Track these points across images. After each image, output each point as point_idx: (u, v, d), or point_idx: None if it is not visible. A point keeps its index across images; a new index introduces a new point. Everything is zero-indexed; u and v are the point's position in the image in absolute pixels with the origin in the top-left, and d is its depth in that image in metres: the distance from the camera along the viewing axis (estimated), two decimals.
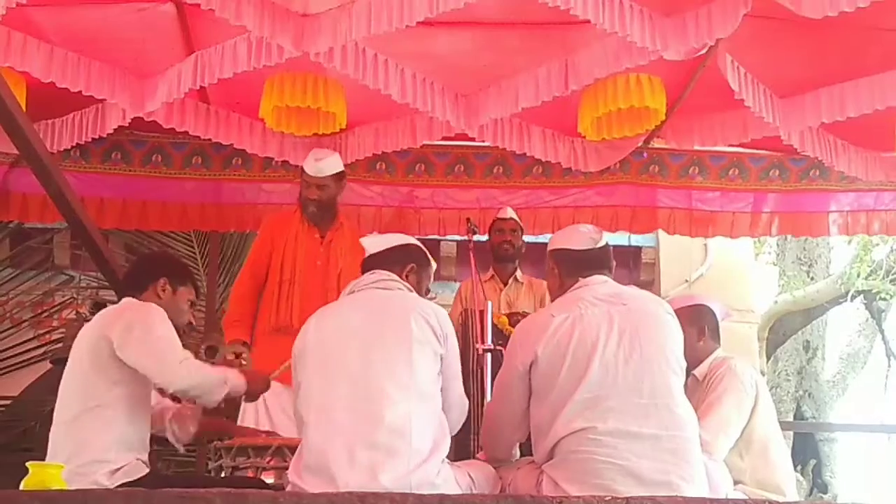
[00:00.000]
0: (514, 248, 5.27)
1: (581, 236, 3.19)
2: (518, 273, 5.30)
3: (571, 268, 3.14)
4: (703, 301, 3.88)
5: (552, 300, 3.25)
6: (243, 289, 4.66)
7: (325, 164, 4.60)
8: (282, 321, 4.43)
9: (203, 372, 3.21)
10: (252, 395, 3.52)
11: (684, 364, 3.03)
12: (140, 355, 3.12)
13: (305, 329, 3.06)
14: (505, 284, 5.26)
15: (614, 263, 3.23)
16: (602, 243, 3.18)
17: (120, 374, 3.15)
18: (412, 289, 3.15)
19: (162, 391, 3.42)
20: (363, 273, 3.20)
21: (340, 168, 4.68)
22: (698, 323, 3.76)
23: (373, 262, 3.20)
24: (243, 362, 4.22)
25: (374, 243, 3.25)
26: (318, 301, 4.35)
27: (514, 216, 5.32)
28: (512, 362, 3.05)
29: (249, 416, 4.27)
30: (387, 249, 3.21)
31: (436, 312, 3.00)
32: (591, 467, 2.80)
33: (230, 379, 3.28)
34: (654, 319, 3.01)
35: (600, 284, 3.08)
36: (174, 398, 3.53)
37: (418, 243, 3.32)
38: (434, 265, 3.38)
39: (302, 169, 4.67)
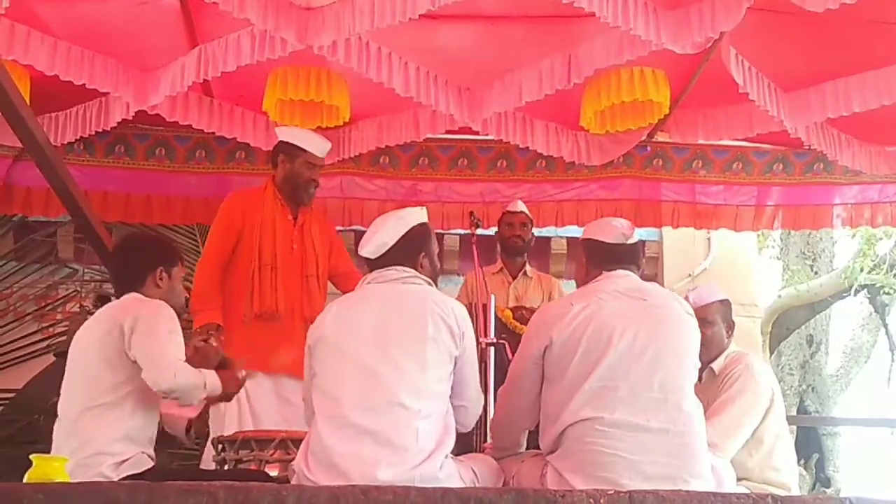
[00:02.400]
0: (523, 242, 5.27)
1: (613, 230, 3.20)
2: (527, 268, 5.29)
3: (598, 259, 3.16)
4: (724, 295, 3.84)
5: (577, 287, 3.26)
6: (210, 272, 4.38)
7: (327, 142, 4.56)
8: (266, 307, 4.28)
9: (188, 377, 3.19)
10: (227, 397, 3.49)
11: (698, 364, 3.04)
12: (139, 350, 3.13)
13: (323, 318, 3.04)
14: (514, 278, 5.25)
15: (644, 261, 3.24)
16: (633, 240, 3.19)
17: (128, 370, 3.15)
18: (430, 279, 3.12)
19: None
20: (371, 271, 3.13)
21: None
22: (729, 318, 3.76)
23: (381, 263, 3.11)
24: (214, 343, 3.92)
25: (374, 248, 3.12)
26: (299, 286, 4.36)
27: (525, 209, 5.30)
28: (527, 347, 3.07)
29: (232, 409, 4.08)
30: (390, 250, 3.10)
31: (454, 311, 2.98)
32: (596, 459, 2.81)
33: (209, 381, 3.28)
34: (673, 316, 3.02)
35: (622, 278, 3.09)
36: None
37: (412, 217, 3.18)
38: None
39: (297, 149, 4.45)
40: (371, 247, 3.12)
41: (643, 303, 3.00)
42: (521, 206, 5.29)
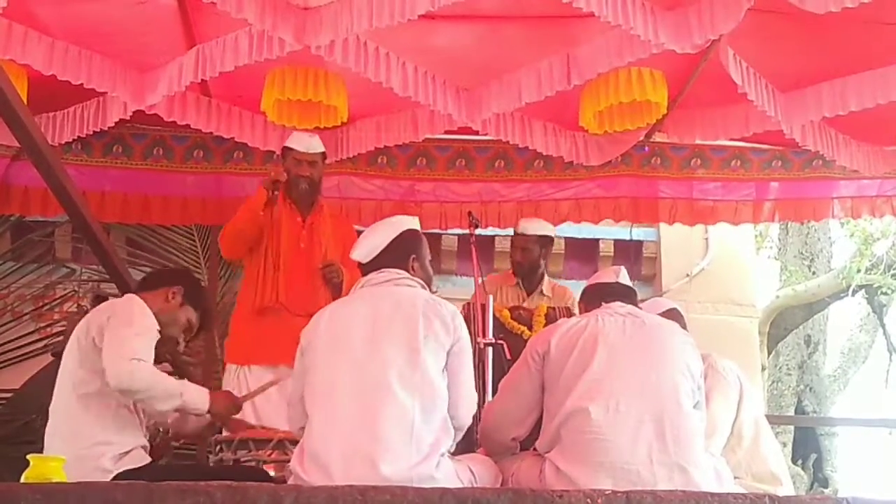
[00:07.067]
0: (524, 266, 5.15)
1: (607, 272, 3.48)
2: (543, 285, 5.18)
3: (596, 297, 3.34)
4: (673, 304, 3.92)
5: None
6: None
7: (316, 140, 4.70)
8: (267, 301, 4.48)
9: (154, 378, 3.07)
10: (218, 416, 3.43)
11: (701, 383, 3.10)
12: (104, 343, 3.10)
13: (317, 321, 3.05)
14: (529, 294, 5.16)
15: (639, 299, 3.40)
16: (627, 282, 3.38)
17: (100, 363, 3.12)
18: (423, 282, 3.14)
19: None
20: (364, 275, 3.15)
21: (323, 147, 4.76)
22: (681, 323, 3.79)
23: (373, 266, 3.14)
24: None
25: (366, 252, 3.15)
26: (304, 282, 4.50)
27: (530, 230, 5.17)
28: (526, 353, 3.17)
29: None
30: (382, 253, 3.14)
31: (446, 307, 3.01)
32: (594, 447, 2.86)
33: (188, 393, 3.18)
34: (669, 334, 3.15)
35: (620, 307, 3.22)
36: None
37: (403, 223, 3.24)
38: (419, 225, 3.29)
39: (286, 149, 4.70)
40: (363, 250, 3.17)
41: (639, 320, 3.15)
42: (522, 228, 5.19)
